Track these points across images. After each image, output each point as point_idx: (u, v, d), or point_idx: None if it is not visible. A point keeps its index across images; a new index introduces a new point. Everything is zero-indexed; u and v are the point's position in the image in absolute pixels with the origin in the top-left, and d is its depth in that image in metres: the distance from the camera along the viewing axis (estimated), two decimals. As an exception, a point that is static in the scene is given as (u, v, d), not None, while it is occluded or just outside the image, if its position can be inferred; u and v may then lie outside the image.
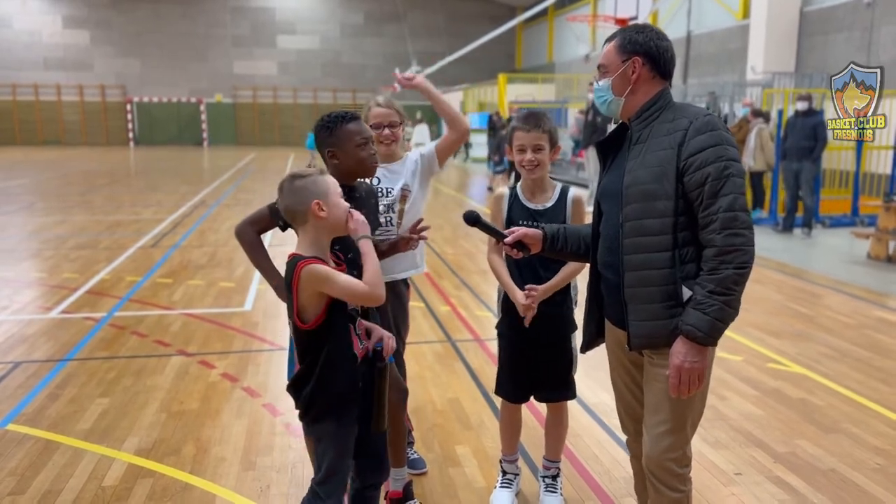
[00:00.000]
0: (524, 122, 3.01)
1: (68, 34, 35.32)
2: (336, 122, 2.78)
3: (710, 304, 2.18)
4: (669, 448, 2.36)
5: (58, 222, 11.55)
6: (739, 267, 2.18)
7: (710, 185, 2.19)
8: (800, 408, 4.40)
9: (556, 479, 3.32)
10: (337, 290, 2.33)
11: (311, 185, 2.36)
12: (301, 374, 2.46)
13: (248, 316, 6.31)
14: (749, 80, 16.55)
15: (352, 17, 37.64)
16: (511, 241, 2.60)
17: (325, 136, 2.80)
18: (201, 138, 36.99)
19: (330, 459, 2.45)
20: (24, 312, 6.39)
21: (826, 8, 16.04)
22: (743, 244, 2.18)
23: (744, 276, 2.20)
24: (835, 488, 3.45)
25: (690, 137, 2.22)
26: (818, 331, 5.95)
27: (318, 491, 2.46)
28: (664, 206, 2.25)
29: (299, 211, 2.37)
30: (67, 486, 3.40)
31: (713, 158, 2.19)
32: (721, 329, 2.22)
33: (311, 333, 2.38)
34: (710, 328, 2.19)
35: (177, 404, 4.38)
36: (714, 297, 2.18)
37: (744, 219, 2.19)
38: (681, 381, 2.25)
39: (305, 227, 2.40)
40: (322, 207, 2.35)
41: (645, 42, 2.34)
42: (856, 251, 9.37)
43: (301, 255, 2.37)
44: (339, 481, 2.49)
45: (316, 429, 2.48)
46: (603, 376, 4.75)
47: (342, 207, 2.40)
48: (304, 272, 2.31)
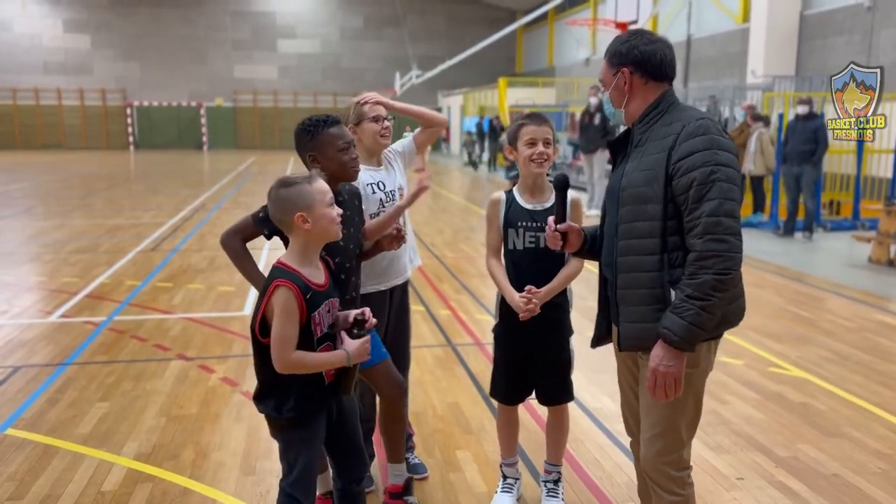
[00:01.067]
0: (532, 118, 3.04)
1: (69, 38, 35.37)
2: (317, 126, 2.76)
3: (687, 309, 2.17)
4: (661, 451, 2.36)
5: (57, 226, 11.54)
6: (720, 273, 2.15)
7: (695, 190, 2.18)
8: (801, 412, 4.39)
9: (557, 483, 3.31)
10: (275, 331, 2.29)
11: (294, 197, 2.33)
12: (263, 389, 2.44)
13: (248, 320, 6.24)
14: (749, 83, 16.56)
15: (352, 20, 37.69)
16: (564, 229, 2.57)
17: (306, 141, 2.78)
18: (201, 142, 37.01)
19: (301, 463, 2.46)
20: (23, 316, 6.38)
21: (826, 11, 16.05)
22: (725, 250, 2.15)
23: (724, 282, 2.17)
24: (837, 492, 3.43)
25: (681, 141, 2.23)
26: (819, 334, 5.94)
27: (293, 494, 2.46)
28: (654, 209, 2.26)
29: (284, 221, 2.37)
30: (66, 490, 3.39)
31: (700, 163, 2.18)
32: (698, 334, 2.20)
33: (268, 350, 2.34)
34: (685, 333, 2.18)
35: (176, 409, 4.36)
36: (691, 301, 2.17)
37: (728, 224, 2.16)
38: (656, 384, 2.25)
39: (292, 235, 2.39)
40: (306, 220, 2.32)
41: (628, 51, 2.36)
42: (857, 255, 9.36)
43: (285, 266, 2.35)
44: (310, 482, 2.51)
45: (282, 436, 2.49)
46: (604, 381, 4.75)
47: (329, 217, 2.37)
48: (278, 292, 2.29)
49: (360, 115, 3.18)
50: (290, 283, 2.30)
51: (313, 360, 2.36)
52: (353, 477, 2.68)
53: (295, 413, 2.40)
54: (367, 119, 3.18)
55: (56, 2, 35.05)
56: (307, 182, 2.35)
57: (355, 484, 2.69)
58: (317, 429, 2.48)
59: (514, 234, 3.06)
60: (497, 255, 3.16)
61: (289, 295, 2.29)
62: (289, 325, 2.29)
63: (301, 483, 2.47)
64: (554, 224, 2.57)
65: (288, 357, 2.30)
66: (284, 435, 2.48)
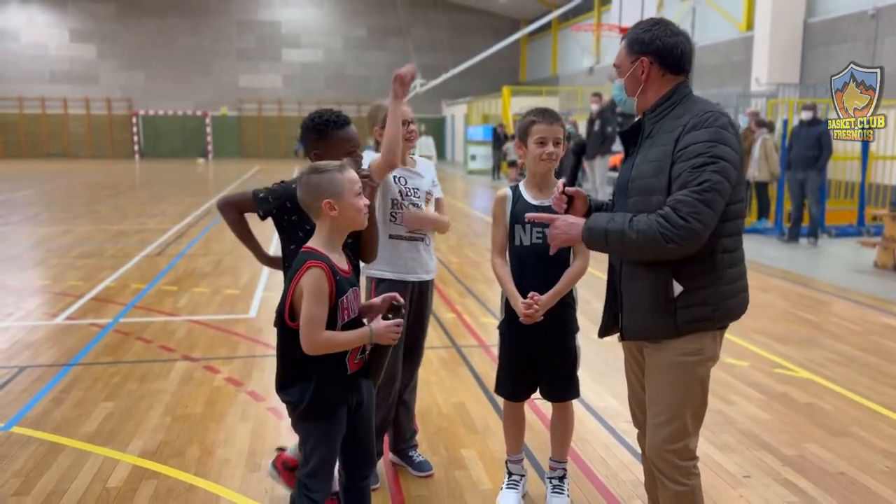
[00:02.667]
0: (543, 115, 3.02)
1: (75, 48, 35.55)
2: (326, 126, 2.76)
3: (617, 223, 2.24)
4: (668, 439, 2.35)
5: (62, 232, 11.57)
6: (665, 238, 2.16)
7: (684, 175, 2.18)
8: (807, 412, 4.37)
9: (562, 480, 3.29)
10: (305, 311, 2.30)
11: (325, 183, 2.35)
12: (283, 374, 2.45)
13: (253, 322, 6.30)
14: (753, 91, 16.57)
15: (355, 30, 37.83)
16: (572, 192, 2.58)
17: (313, 139, 2.78)
18: (206, 151, 37.11)
19: (319, 455, 2.46)
20: (29, 319, 6.39)
21: (830, 19, 16.07)
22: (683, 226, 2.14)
23: (660, 246, 2.17)
24: (844, 491, 3.42)
25: (686, 132, 2.23)
26: (824, 337, 5.92)
27: (307, 483, 2.47)
28: (658, 200, 2.26)
29: (312, 207, 2.39)
30: (72, 487, 3.39)
31: (698, 152, 2.18)
32: (599, 242, 2.30)
33: (297, 335, 2.35)
34: (595, 230, 2.30)
35: (181, 408, 4.37)
36: (627, 223, 2.23)
37: (700, 210, 2.14)
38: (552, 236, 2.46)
39: (319, 221, 2.41)
40: (333, 207, 2.35)
41: (652, 41, 2.34)
42: (862, 260, 9.34)
43: (315, 251, 2.37)
44: (328, 475, 2.51)
45: (305, 426, 2.49)
46: (609, 381, 4.74)
47: (356, 206, 2.39)
48: (309, 273, 2.30)
49: (385, 119, 3.21)
50: (322, 263, 2.32)
51: (341, 338, 2.37)
52: (359, 474, 2.68)
53: (316, 402, 2.41)
54: None
55: (62, 12, 35.26)
56: (338, 170, 2.38)
57: (360, 481, 2.69)
58: (337, 421, 2.48)
59: (520, 230, 3.06)
60: (502, 255, 3.15)
61: (321, 275, 2.31)
62: (320, 306, 2.31)
63: (318, 475, 2.47)
64: (562, 186, 2.58)
65: (318, 337, 2.31)
66: (305, 425, 2.48)
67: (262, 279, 7.92)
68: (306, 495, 2.47)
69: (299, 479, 2.50)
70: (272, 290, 7.39)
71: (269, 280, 7.79)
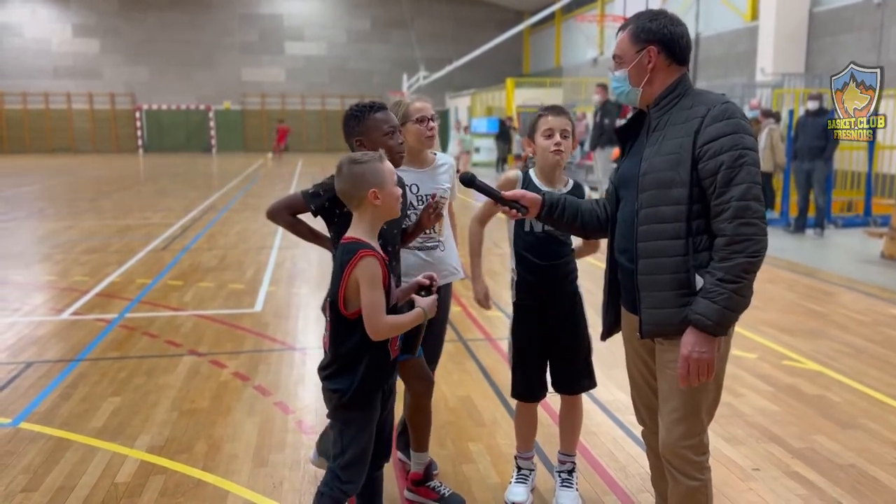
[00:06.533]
0: (551, 109, 3.09)
1: (78, 43, 35.55)
2: (364, 111, 2.82)
3: (720, 293, 2.16)
4: (684, 435, 2.33)
5: (67, 227, 11.58)
6: (751, 256, 2.16)
7: (723, 174, 2.17)
8: (816, 404, 4.35)
9: (571, 473, 3.29)
10: (366, 299, 2.34)
11: (369, 174, 2.39)
12: (333, 363, 2.47)
13: (259, 316, 6.30)
14: (758, 81, 16.50)
15: (359, 23, 37.75)
16: (509, 196, 2.54)
17: (353, 126, 2.83)
18: (209, 145, 37.11)
19: (358, 445, 2.47)
20: (35, 314, 6.40)
21: (835, 8, 15.98)
22: (754, 234, 2.16)
23: (755, 264, 2.17)
24: (853, 482, 3.40)
25: (707, 125, 2.20)
26: (832, 328, 5.89)
27: (340, 475, 2.47)
28: (679, 193, 2.23)
29: (356, 196, 2.42)
30: (80, 482, 3.39)
31: (728, 146, 2.17)
32: (730, 318, 2.20)
33: (352, 323, 2.40)
34: (718, 317, 2.17)
35: (188, 403, 4.36)
36: (723, 285, 2.16)
37: (756, 208, 2.17)
38: (689, 372, 2.23)
39: (360, 211, 2.44)
40: (378, 196, 2.39)
41: (659, 29, 2.31)
42: (869, 251, 9.30)
43: (362, 241, 2.40)
44: (363, 467, 2.52)
45: (344, 415, 2.49)
46: (618, 374, 4.72)
47: (396, 195, 2.44)
48: (363, 262, 2.34)
49: (405, 115, 3.19)
50: (374, 252, 2.37)
51: (403, 320, 2.45)
52: (376, 463, 2.69)
53: (362, 390, 2.44)
54: (412, 120, 3.18)
55: (65, 7, 35.25)
56: (378, 160, 2.43)
57: (375, 470, 2.70)
58: (376, 409, 2.52)
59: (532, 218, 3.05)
60: (482, 223, 3.28)
61: (375, 263, 2.35)
62: (379, 292, 2.35)
63: (355, 464, 2.48)
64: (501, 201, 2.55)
65: (383, 322, 2.36)
66: (346, 414, 2.48)
67: (268, 273, 7.91)
68: (339, 487, 2.47)
69: (330, 470, 2.50)
70: (277, 284, 7.39)
71: (275, 274, 7.78)
